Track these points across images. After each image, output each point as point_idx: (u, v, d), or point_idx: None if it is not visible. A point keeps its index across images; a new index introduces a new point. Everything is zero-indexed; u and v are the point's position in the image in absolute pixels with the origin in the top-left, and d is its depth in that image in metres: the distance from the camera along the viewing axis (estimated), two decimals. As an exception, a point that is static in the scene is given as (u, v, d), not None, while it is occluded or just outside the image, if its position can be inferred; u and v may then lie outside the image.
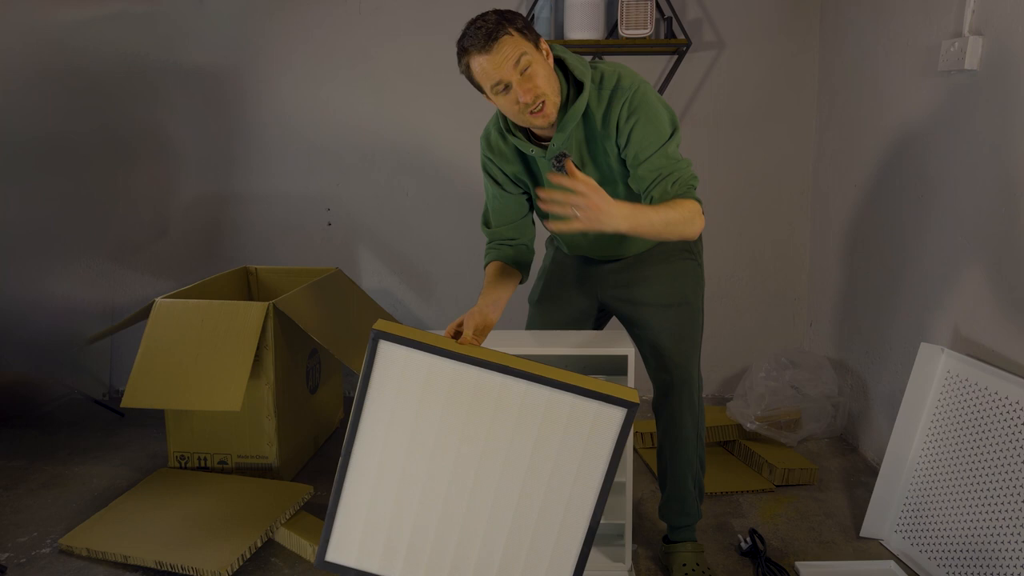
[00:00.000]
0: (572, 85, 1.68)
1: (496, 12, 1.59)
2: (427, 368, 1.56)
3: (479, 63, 1.56)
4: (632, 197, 1.74)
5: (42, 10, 2.91)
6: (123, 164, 3.16)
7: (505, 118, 1.72)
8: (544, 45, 1.63)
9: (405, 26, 3.04)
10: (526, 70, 1.56)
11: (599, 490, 1.56)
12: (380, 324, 1.57)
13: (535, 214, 1.93)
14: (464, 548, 1.61)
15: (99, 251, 3.19)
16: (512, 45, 1.55)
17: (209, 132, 3.15)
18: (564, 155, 1.69)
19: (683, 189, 1.63)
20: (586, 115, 1.68)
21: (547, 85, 1.59)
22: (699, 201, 1.63)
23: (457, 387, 1.56)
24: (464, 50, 1.58)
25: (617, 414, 1.53)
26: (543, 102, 1.59)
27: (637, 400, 1.53)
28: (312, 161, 3.15)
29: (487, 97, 1.64)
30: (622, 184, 1.75)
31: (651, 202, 1.64)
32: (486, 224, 1.90)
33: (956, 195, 2.16)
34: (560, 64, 1.68)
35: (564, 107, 1.66)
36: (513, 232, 1.87)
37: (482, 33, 1.55)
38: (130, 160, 3.17)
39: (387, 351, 1.57)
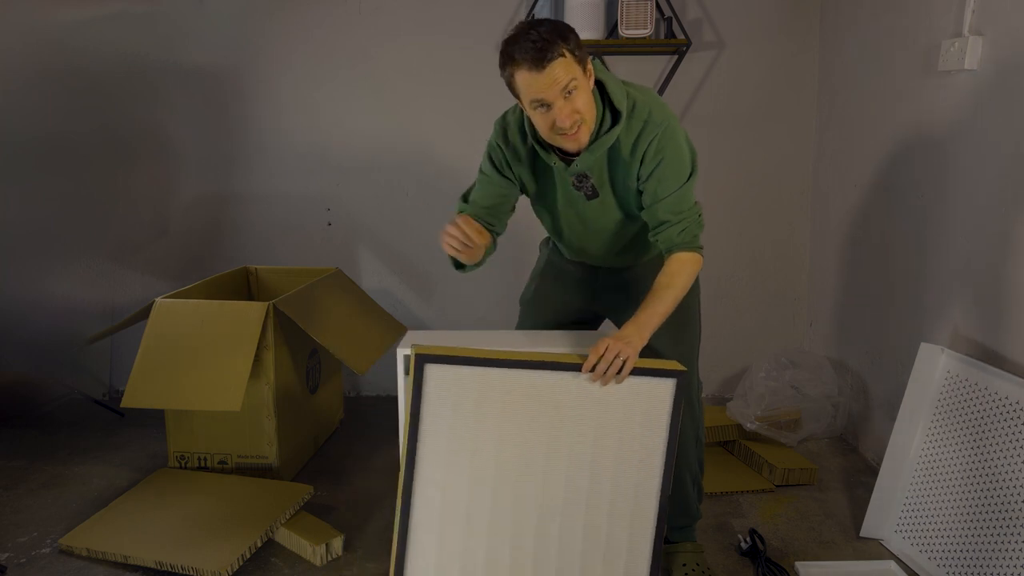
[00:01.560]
0: (607, 109, 1.66)
1: (552, 27, 1.54)
2: (477, 382, 1.56)
3: (525, 78, 1.53)
4: (640, 226, 1.81)
5: (42, 10, 2.91)
6: (123, 164, 3.16)
7: (531, 123, 1.71)
8: (590, 66, 1.61)
9: (405, 26, 3.04)
10: (571, 94, 1.55)
11: (663, 467, 1.58)
12: (416, 348, 1.58)
13: (538, 217, 1.93)
14: (542, 553, 1.61)
15: (99, 251, 3.19)
16: (564, 68, 1.52)
17: (209, 132, 3.15)
18: (586, 176, 1.71)
19: (687, 239, 1.71)
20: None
21: (587, 110, 1.59)
22: (700, 247, 1.74)
23: (511, 394, 1.57)
24: (512, 59, 1.54)
25: (668, 386, 1.57)
26: (579, 127, 1.59)
27: (683, 367, 1.58)
28: (312, 161, 3.15)
29: (520, 104, 1.63)
30: (636, 207, 1.77)
31: (655, 242, 1.75)
32: (464, 199, 1.87)
33: (956, 195, 2.16)
34: (598, 85, 1.66)
35: (596, 131, 1.65)
36: (488, 215, 1.84)
37: (535, 49, 1.50)
38: (130, 160, 3.17)
39: (437, 373, 1.56)
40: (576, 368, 1.56)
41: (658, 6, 2.87)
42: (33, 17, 2.88)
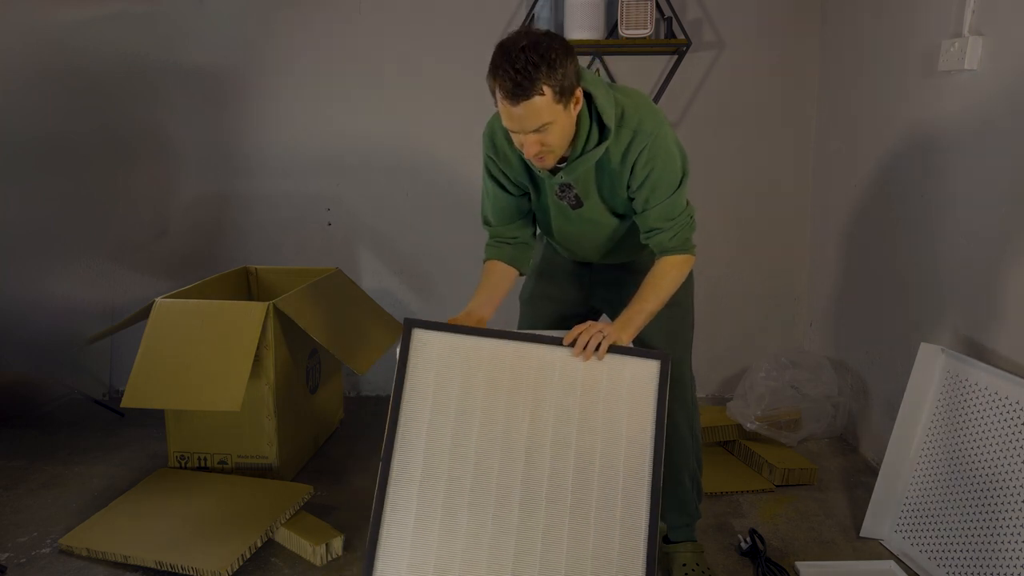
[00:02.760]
0: (595, 122, 1.63)
1: (542, 54, 1.45)
2: (464, 350, 1.60)
3: (500, 102, 1.51)
4: (632, 224, 1.81)
5: (42, 10, 2.91)
6: (123, 164, 3.16)
7: None
8: (579, 93, 1.55)
9: (405, 25, 3.04)
10: (540, 132, 1.53)
11: (652, 448, 1.57)
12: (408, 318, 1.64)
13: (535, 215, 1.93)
14: (525, 544, 1.54)
15: (99, 251, 3.19)
16: (539, 109, 1.48)
17: (209, 132, 3.15)
18: (569, 187, 1.71)
19: (678, 243, 1.73)
20: None
21: (558, 142, 1.57)
22: (692, 247, 1.77)
23: (497, 363, 1.60)
24: (494, 76, 1.50)
25: (652, 366, 1.59)
26: (545, 155, 1.58)
27: (666, 351, 1.61)
28: (312, 161, 3.15)
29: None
30: (627, 210, 1.77)
31: (647, 244, 1.78)
32: (487, 222, 1.90)
33: (956, 195, 2.16)
34: (588, 97, 1.62)
35: (584, 143, 1.63)
36: (514, 231, 1.87)
37: (514, 83, 1.45)
38: (130, 160, 3.17)
39: (422, 339, 1.60)
40: (559, 343, 1.61)
41: (658, 6, 2.87)
42: (33, 17, 2.88)
